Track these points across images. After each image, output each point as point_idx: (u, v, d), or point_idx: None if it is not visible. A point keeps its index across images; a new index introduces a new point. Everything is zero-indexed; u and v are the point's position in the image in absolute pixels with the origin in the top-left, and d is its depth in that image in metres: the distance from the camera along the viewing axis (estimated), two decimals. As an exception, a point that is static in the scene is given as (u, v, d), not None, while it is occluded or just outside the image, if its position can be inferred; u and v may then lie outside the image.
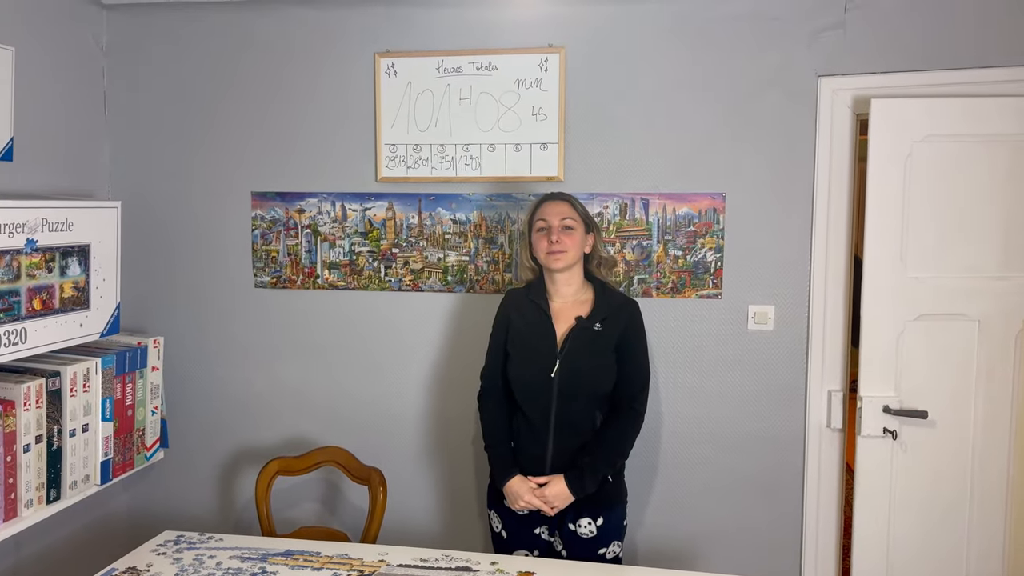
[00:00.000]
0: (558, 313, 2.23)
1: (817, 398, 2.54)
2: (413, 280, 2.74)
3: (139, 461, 2.60)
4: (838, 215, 2.50)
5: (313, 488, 2.81)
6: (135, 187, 2.82)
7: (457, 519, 2.76)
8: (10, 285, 2.13)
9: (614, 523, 2.21)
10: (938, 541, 2.45)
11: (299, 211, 2.79)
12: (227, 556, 2.05)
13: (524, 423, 2.22)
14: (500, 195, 2.66)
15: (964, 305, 2.38)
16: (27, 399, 2.17)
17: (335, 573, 1.95)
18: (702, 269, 2.58)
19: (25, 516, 2.20)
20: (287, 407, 2.83)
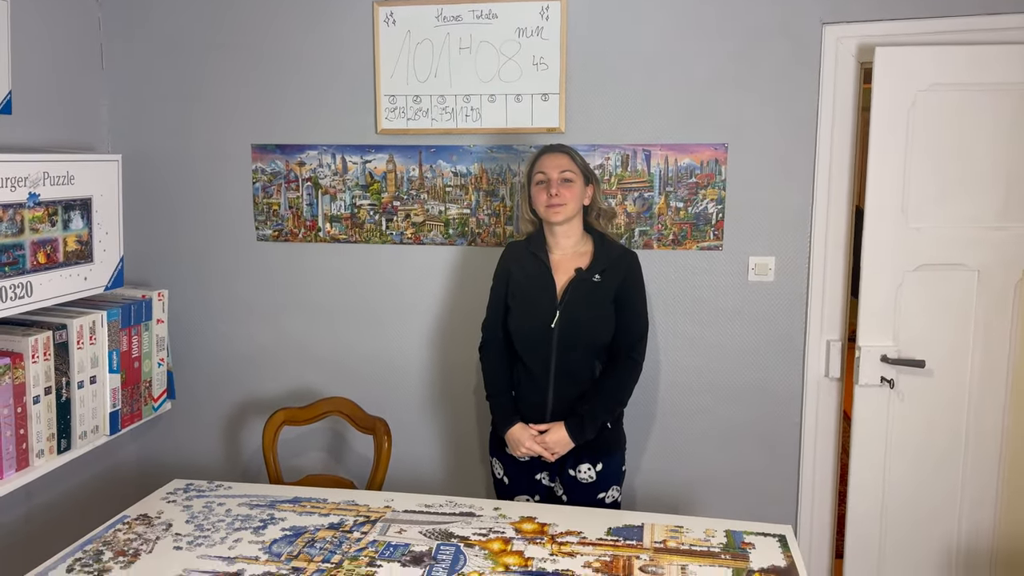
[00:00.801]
0: (558, 265, 2.25)
1: (816, 348, 2.56)
2: (415, 233, 2.75)
3: (147, 412, 2.64)
4: (840, 165, 2.49)
5: (319, 438, 2.86)
6: (134, 140, 2.82)
7: (460, 466, 2.81)
8: (14, 239, 2.14)
9: (613, 469, 2.26)
10: (932, 488, 2.49)
11: (299, 164, 2.78)
12: (236, 503, 2.10)
13: (525, 373, 2.25)
14: (501, 147, 2.65)
15: (964, 255, 2.38)
16: (35, 352, 2.20)
17: (342, 519, 2.00)
18: (703, 221, 2.59)
19: (37, 466, 2.25)
20: (291, 359, 2.86)
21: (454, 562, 1.79)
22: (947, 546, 2.51)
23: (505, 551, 1.85)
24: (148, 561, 1.81)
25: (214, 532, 1.94)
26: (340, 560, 1.80)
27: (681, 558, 1.82)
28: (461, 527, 1.96)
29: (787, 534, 1.95)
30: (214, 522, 1.99)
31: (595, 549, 1.86)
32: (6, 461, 2.15)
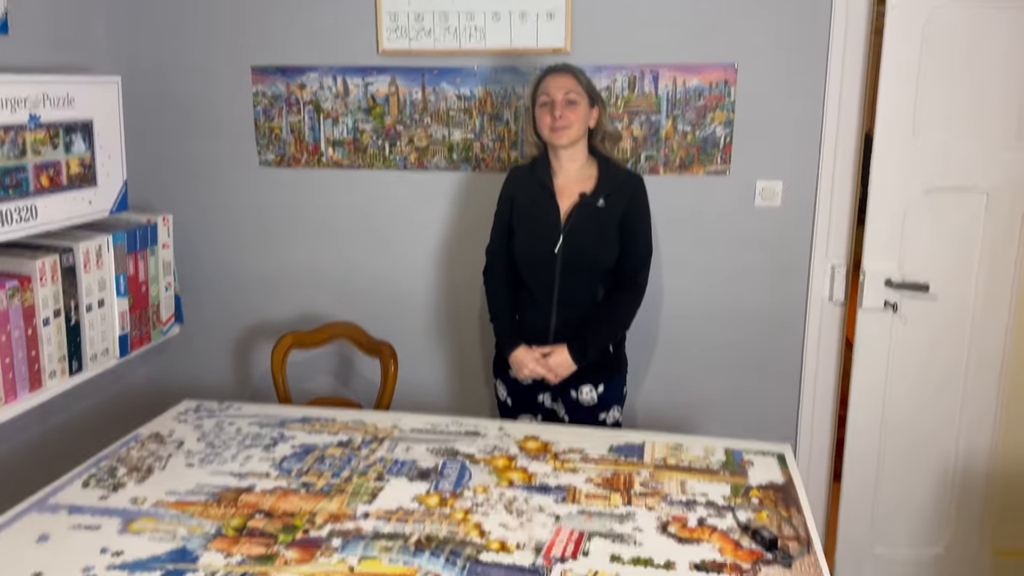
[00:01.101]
0: (562, 189, 2.23)
1: (820, 273, 2.57)
2: (418, 158, 2.73)
3: (155, 336, 2.67)
4: (852, 89, 2.44)
5: (326, 362, 2.90)
6: (134, 62, 2.77)
7: (464, 389, 2.85)
8: (16, 161, 2.13)
9: (614, 390, 2.29)
10: (932, 411, 2.53)
11: (300, 86, 2.74)
12: (246, 423, 2.14)
13: (528, 297, 2.27)
14: (505, 68, 2.60)
15: (974, 178, 2.36)
16: (43, 274, 2.22)
17: (350, 437, 2.05)
18: (711, 144, 2.56)
19: (49, 387, 2.29)
20: (297, 284, 2.88)
21: (460, 477, 1.84)
22: (944, 467, 2.56)
23: (509, 467, 1.89)
24: (161, 476, 1.86)
25: (225, 450, 1.99)
26: (349, 475, 1.85)
27: (680, 474, 1.86)
28: (466, 445, 2.00)
29: (786, 453, 1.99)
30: (225, 440, 2.04)
31: (596, 466, 1.90)
32: (19, 382, 2.19)
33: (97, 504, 1.74)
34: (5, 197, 2.11)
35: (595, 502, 1.73)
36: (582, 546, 1.57)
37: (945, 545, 2.60)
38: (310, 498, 1.75)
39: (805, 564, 1.53)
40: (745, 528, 1.63)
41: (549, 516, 1.68)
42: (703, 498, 1.76)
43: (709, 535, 1.62)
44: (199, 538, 1.60)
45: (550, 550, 1.55)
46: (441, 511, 1.69)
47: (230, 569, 1.49)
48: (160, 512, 1.70)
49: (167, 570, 1.49)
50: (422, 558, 1.53)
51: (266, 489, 1.79)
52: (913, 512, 2.60)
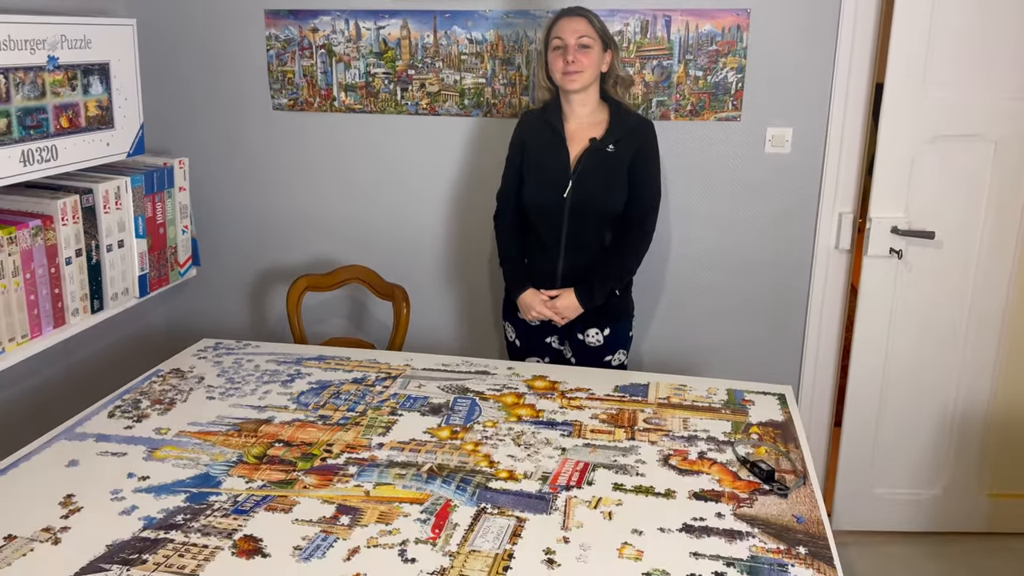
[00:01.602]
0: (572, 134, 2.25)
1: (828, 220, 2.59)
2: (430, 103, 2.74)
3: (173, 277, 2.74)
4: (864, 37, 2.43)
5: (340, 305, 2.96)
6: (149, 5, 2.78)
7: (474, 332, 2.91)
8: (36, 102, 2.17)
9: (620, 334, 2.34)
10: (933, 357, 2.58)
11: (312, 30, 2.75)
12: (264, 360, 2.21)
13: (537, 241, 2.31)
14: (517, 12, 2.60)
15: (981, 126, 2.37)
16: (64, 214, 2.27)
17: (364, 375, 2.12)
18: (722, 90, 2.56)
19: (73, 324, 2.36)
20: (311, 228, 2.92)
21: (470, 412, 1.91)
22: (943, 412, 2.62)
23: (518, 404, 1.96)
24: (183, 408, 1.94)
25: (244, 384, 2.06)
26: (364, 410, 1.92)
27: (683, 412, 1.92)
28: (476, 383, 2.07)
29: (787, 393, 2.05)
30: (244, 376, 2.11)
31: (602, 403, 1.96)
32: (44, 318, 2.26)
33: (123, 433, 1.82)
34: (27, 137, 2.15)
35: (600, 436, 1.80)
36: (586, 476, 1.64)
37: (943, 486, 2.67)
38: (327, 430, 1.82)
39: (801, 495, 1.59)
40: (744, 461, 1.70)
41: (555, 449, 1.74)
42: (704, 434, 1.82)
43: (709, 467, 1.68)
44: (221, 465, 1.67)
45: (556, 479, 1.63)
46: (452, 443, 1.77)
47: (252, 492, 1.57)
48: (183, 441, 1.78)
49: (191, 493, 1.57)
50: (434, 485, 1.60)
51: (284, 421, 1.86)
52: (912, 455, 2.66)
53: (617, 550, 1.41)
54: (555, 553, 1.40)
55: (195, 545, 1.41)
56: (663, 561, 1.38)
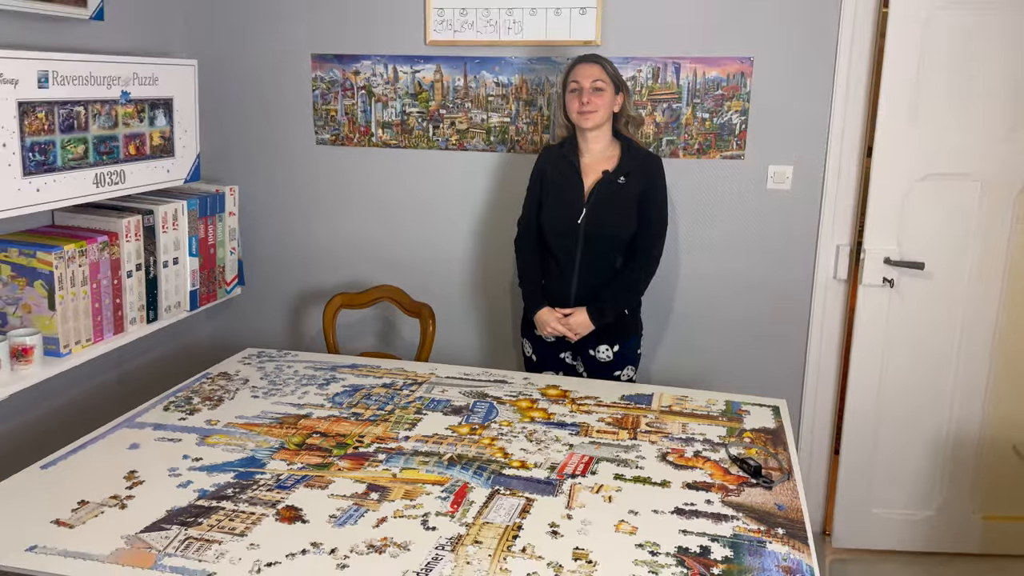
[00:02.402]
0: (587, 167, 2.48)
1: (826, 252, 2.77)
2: (459, 140, 2.99)
3: (220, 294, 2.98)
4: (858, 82, 2.65)
5: (370, 324, 3.19)
6: (208, 48, 3.08)
7: (495, 349, 3.12)
8: (110, 132, 2.44)
9: (629, 350, 2.53)
10: (926, 383, 2.72)
11: (355, 73, 3.02)
12: (302, 367, 2.43)
13: (553, 263, 2.52)
14: (540, 59, 2.85)
15: (969, 166, 2.56)
16: (128, 232, 2.53)
17: (393, 380, 2.32)
18: (727, 131, 2.78)
19: (130, 331, 2.60)
20: (347, 253, 3.17)
21: (488, 413, 2.10)
22: (937, 435, 2.76)
23: (531, 408, 2.15)
24: (231, 405, 2.15)
25: (285, 386, 2.28)
26: (392, 409, 2.12)
27: (683, 418, 2.10)
28: (495, 390, 2.27)
29: (781, 406, 2.22)
30: (284, 379, 2.33)
31: (609, 409, 2.15)
32: (105, 324, 2.50)
33: (177, 423, 2.04)
34: (100, 162, 2.42)
35: (605, 436, 1.99)
36: (591, 467, 1.82)
37: (937, 508, 2.80)
38: (359, 424, 2.03)
39: (784, 488, 1.76)
40: (735, 459, 1.87)
41: (564, 445, 1.93)
42: (701, 436, 2.00)
43: (703, 464, 1.86)
44: (265, 450, 1.88)
45: (563, 469, 1.81)
46: (471, 437, 1.96)
47: (292, 472, 1.78)
48: (231, 430, 1.99)
49: (239, 472, 1.78)
50: (454, 470, 1.79)
51: (321, 416, 2.07)
52: (908, 476, 2.80)
53: (614, 526, 1.59)
54: (559, 527, 1.58)
55: (243, 512, 1.61)
56: (655, 535, 1.56)
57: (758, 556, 1.50)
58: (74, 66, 2.29)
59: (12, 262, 2.30)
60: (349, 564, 1.46)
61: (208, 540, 1.52)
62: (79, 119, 2.33)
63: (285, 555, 1.48)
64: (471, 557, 1.47)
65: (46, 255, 2.27)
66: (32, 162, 2.19)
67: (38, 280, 2.28)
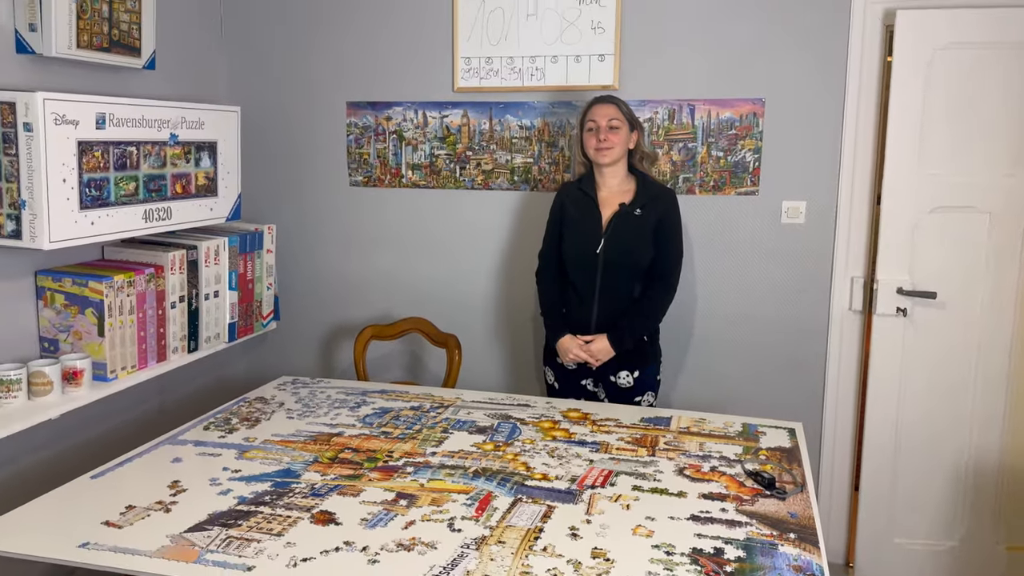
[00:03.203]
0: (604, 201, 2.60)
1: (841, 283, 2.85)
2: (484, 180, 3.14)
3: (257, 328, 3.12)
4: (866, 118, 2.76)
5: (398, 357, 3.30)
6: (250, 96, 3.28)
7: (518, 377, 3.20)
8: (159, 171, 2.62)
9: (648, 377, 2.62)
10: (944, 411, 2.76)
11: (387, 118, 3.20)
12: (335, 392, 2.54)
13: (574, 293, 2.62)
14: (561, 103, 3.01)
15: (976, 199, 2.64)
16: (173, 265, 2.68)
17: (421, 404, 2.42)
18: (741, 168, 2.90)
19: (172, 360, 2.73)
20: (377, 288, 3.30)
21: (511, 432, 2.19)
22: (957, 464, 2.78)
23: (553, 428, 2.23)
24: (267, 424, 2.26)
25: (318, 409, 2.38)
26: (420, 429, 2.22)
27: (700, 438, 2.17)
28: (518, 412, 2.36)
29: (797, 428, 2.28)
30: (317, 403, 2.44)
31: (628, 430, 2.23)
32: (149, 353, 2.64)
33: (217, 440, 2.15)
34: (149, 199, 2.59)
35: (624, 453, 2.06)
36: (610, 479, 1.90)
37: (960, 538, 2.81)
38: (388, 442, 2.12)
39: (798, 499, 1.82)
40: (750, 473, 1.94)
41: (584, 460, 2.01)
42: (717, 454, 2.07)
43: (718, 477, 1.93)
44: (300, 464, 1.98)
45: (583, 481, 1.89)
46: (495, 453, 2.05)
47: (326, 482, 1.87)
48: (268, 447, 2.10)
49: (276, 482, 1.88)
50: (479, 481, 1.88)
51: (352, 435, 2.17)
52: (929, 506, 2.81)
53: (632, 529, 1.66)
54: (579, 530, 1.66)
55: (280, 515, 1.71)
56: (671, 538, 1.63)
57: (770, 556, 1.56)
58: (128, 110, 2.47)
59: (66, 291, 2.45)
60: (380, 560, 1.54)
61: (247, 539, 1.61)
62: (131, 158, 2.50)
63: (319, 552, 1.57)
64: (495, 555, 1.55)
65: (97, 284, 2.42)
66: (88, 197, 2.36)
67: (89, 308, 2.43)
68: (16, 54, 2.35)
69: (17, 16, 2.33)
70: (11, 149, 2.19)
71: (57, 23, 2.33)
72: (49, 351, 2.50)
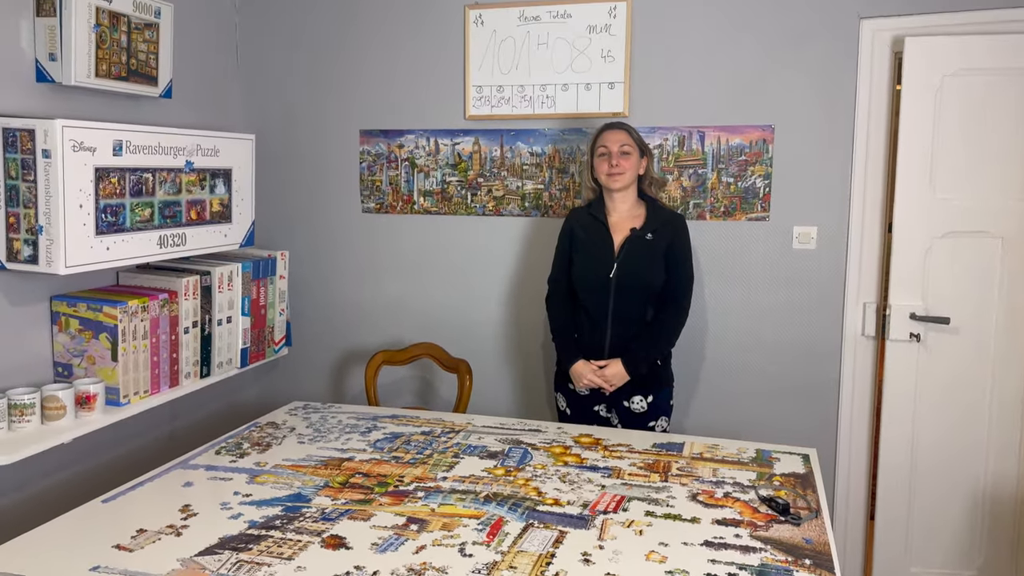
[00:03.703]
0: (615, 225, 2.61)
1: (853, 310, 2.84)
2: (495, 206, 3.16)
3: (269, 353, 3.12)
4: (876, 144, 2.77)
5: (409, 383, 3.30)
6: (264, 124, 3.33)
7: (529, 404, 3.20)
8: (174, 197, 2.65)
9: (662, 401, 2.60)
10: (959, 438, 2.73)
11: (399, 146, 3.23)
12: (346, 417, 2.54)
13: (586, 317, 2.62)
14: (572, 130, 3.03)
15: (987, 224, 2.64)
16: (186, 291, 2.70)
17: (432, 429, 2.42)
18: (752, 194, 2.90)
19: (184, 385, 2.74)
20: (389, 314, 3.31)
21: (523, 457, 2.18)
22: (974, 492, 2.74)
23: (565, 454, 2.22)
24: (278, 449, 2.26)
25: (329, 433, 2.38)
26: (431, 454, 2.21)
27: (714, 464, 2.16)
28: (529, 437, 2.35)
29: (811, 454, 2.26)
30: (328, 428, 2.44)
31: (640, 455, 2.21)
32: (162, 378, 2.65)
33: (228, 464, 2.15)
34: (164, 225, 2.61)
35: (637, 479, 2.05)
36: (622, 505, 1.88)
37: (978, 568, 2.76)
38: (399, 466, 2.12)
39: (812, 525, 1.80)
40: (764, 499, 1.92)
41: (596, 486, 2.00)
42: (731, 480, 2.05)
43: (732, 503, 1.91)
44: (311, 488, 1.98)
45: (595, 506, 1.87)
46: (506, 478, 2.04)
47: (336, 507, 1.87)
48: (279, 471, 2.09)
49: (287, 506, 1.87)
50: (490, 506, 1.87)
51: (363, 459, 2.17)
52: (946, 535, 2.77)
53: (645, 555, 1.64)
54: (591, 555, 1.64)
55: (290, 540, 1.70)
56: (685, 564, 1.61)
57: (785, 582, 1.54)
58: (145, 137, 2.51)
59: (81, 316, 2.48)
60: (390, 584, 1.53)
61: (258, 563, 1.60)
62: (147, 185, 2.53)
63: (330, 576, 1.56)
64: (506, 580, 1.54)
65: (112, 309, 2.44)
66: (104, 223, 2.38)
67: (103, 333, 2.45)
68: (36, 83, 2.39)
69: (38, 46, 2.38)
70: (30, 175, 2.22)
71: (77, 53, 2.38)
72: (63, 376, 2.51)
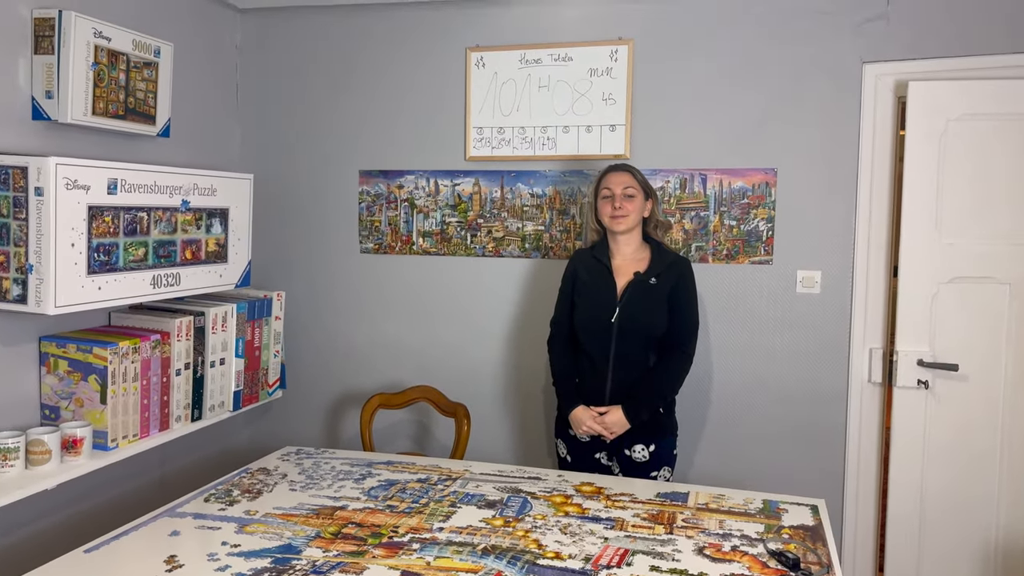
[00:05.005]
0: (619, 268, 2.57)
1: (859, 355, 2.79)
2: (495, 247, 3.12)
3: (262, 396, 3.06)
4: (880, 188, 2.75)
5: (406, 427, 3.22)
6: (262, 164, 3.31)
7: (528, 451, 3.12)
8: (169, 237, 2.61)
9: (665, 450, 2.53)
10: (969, 486, 2.66)
11: (399, 186, 3.21)
12: (339, 463, 2.47)
13: (587, 362, 2.56)
14: (573, 171, 3.01)
15: (994, 269, 2.60)
16: (179, 332, 2.65)
17: (428, 476, 2.34)
18: (755, 237, 2.87)
19: (175, 429, 2.67)
20: (386, 356, 3.25)
21: (522, 507, 2.11)
22: (986, 544, 2.66)
23: (566, 503, 2.15)
24: (269, 497, 2.18)
25: (322, 480, 2.31)
26: (427, 502, 2.14)
27: (720, 515, 2.08)
28: (529, 486, 2.27)
29: (819, 505, 2.18)
30: (322, 474, 2.36)
31: (644, 506, 2.14)
32: (152, 421, 2.58)
33: (217, 513, 2.07)
34: (158, 265, 2.57)
35: (640, 530, 1.97)
36: (626, 559, 1.81)
37: (993, 624, 2.67)
38: (394, 516, 2.04)
39: (825, 582, 1.73)
40: (773, 553, 1.84)
41: (599, 538, 1.92)
42: (738, 532, 1.98)
43: (740, 557, 1.83)
44: (302, 539, 1.90)
45: (598, 560, 1.80)
46: (505, 529, 1.96)
47: (328, 559, 1.79)
48: (269, 520, 2.02)
49: (276, 558, 1.79)
50: (488, 559, 1.79)
51: (357, 508, 2.09)
52: (959, 589, 2.68)
53: (650, 614, 1.57)
54: (594, 614, 1.56)
55: (279, 595, 1.62)
56: (692, 624, 1.53)
57: (799, 645, 1.46)
58: (140, 176, 2.48)
59: (70, 357, 2.41)
60: (383, 645, 1.45)
61: (244, 620, 1.52)
62: (142, 224, 2.49)
63: (320, 635, 1.48)
64: (505, 641, 1.46)
65: (102, 350, 2.38)
66: (96, 262, 2.34)
67: (92, 375, 2.39)
68: (32, 120, 2.37)
69: (35, 83, 2.36)
70: (21, 213, 2.18)
71: (74, 91, 2.36)
72: (50, 418, 2.44)
